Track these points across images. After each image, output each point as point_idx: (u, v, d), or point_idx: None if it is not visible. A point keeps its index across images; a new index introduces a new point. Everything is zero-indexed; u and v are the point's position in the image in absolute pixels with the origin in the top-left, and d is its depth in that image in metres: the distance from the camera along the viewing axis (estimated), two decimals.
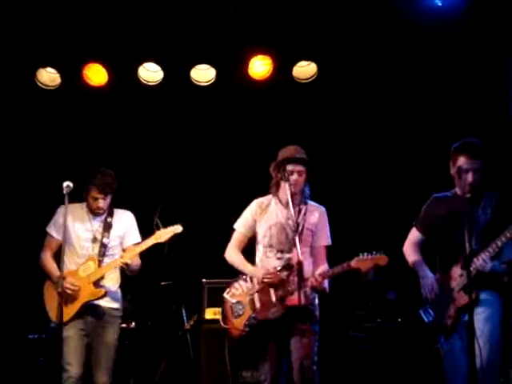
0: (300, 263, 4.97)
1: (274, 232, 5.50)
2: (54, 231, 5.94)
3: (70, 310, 5.72)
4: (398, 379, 6.60)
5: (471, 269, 4.82)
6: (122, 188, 5.89)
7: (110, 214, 6.01)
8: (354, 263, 5.12)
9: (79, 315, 5.74)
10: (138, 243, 5.93)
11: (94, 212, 5.91)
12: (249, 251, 5.66)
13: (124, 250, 5.96)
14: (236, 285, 5.58)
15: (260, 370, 5.45)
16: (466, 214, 4.89)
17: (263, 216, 5.57)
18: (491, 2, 6.83)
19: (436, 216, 5.30)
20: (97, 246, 5.88)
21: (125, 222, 6.05)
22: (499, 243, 4.89)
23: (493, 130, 7.12)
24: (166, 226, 5.83)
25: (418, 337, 6.63)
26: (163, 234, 5.81)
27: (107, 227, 5.93)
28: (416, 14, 6.96)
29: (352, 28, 7.16)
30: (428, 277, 5.19)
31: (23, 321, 5.71)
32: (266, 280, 5.36)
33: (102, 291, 5.78)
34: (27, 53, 7.27)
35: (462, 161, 5.08)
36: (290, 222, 5.44)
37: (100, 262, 5.82)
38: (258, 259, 5.58)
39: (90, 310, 5.78)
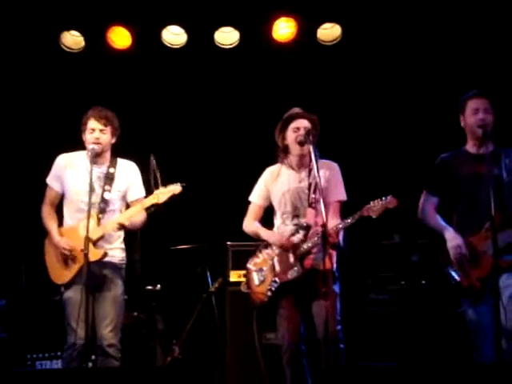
0: (324, 225, 4.88)
1: (287, 198, 5.44)
2: (54, 182, 5.62)
3: (69, 272, 5.43)
4: (422, 341, 6.62)
5: None
6: (146, 149, 5.80)
7: (113, 165, 5.59)
8: (364, 211, 5.07)
9: (80, 276, 5.31)
10: (144, 197, 5.56)
11: (93, 152, 5.42)
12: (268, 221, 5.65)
13: (128, 205, 5.61)
14: (257, 253, 5.56)
15: (278, 334, 5.45)
16: (489, 174, 4.91)
17: (275, 184, 5.53)
18: None
19: (452, 175, 5.23)
20: (97, 200, 5.45)
21: (129, 173, 5.65)
22: None
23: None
24: (165, 185, 5.46)
25: (442, 299, 6.65)
26: (161, 195, 5.39)
27: (109, 179, 5.53)
28: None
29: None
30: (456, 238, 5.09)
31: (49, 283, 5.67)
32: (279, 245, 5.37)
33: (101, 252, 5.39)
34: (51, 16, 7.27)
35: (470, 104, 5.19)
36: (303, 184, 5.43)
37: (99, 220, 5.44)
38: (275, 228, 5.55)
39: (92, 267, 5.26)
